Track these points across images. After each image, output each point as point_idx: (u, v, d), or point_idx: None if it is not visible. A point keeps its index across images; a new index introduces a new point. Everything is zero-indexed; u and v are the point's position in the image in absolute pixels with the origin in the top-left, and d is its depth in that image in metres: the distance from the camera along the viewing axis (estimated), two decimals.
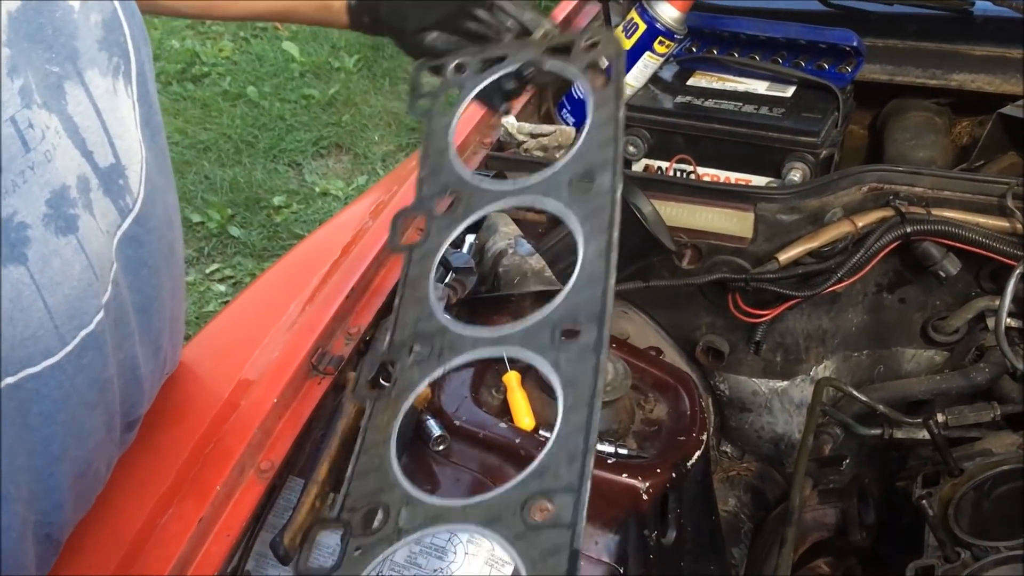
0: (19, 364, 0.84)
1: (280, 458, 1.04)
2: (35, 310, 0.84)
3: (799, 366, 1.59)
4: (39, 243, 0.83)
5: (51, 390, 0.87)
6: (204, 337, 1.38)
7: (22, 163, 0.80)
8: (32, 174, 0.81)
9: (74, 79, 0.87)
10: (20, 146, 0.80)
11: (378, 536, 0.70)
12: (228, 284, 3.12)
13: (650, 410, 1.17)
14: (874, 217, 1.43)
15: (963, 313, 1.50)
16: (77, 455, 0.94)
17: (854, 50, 1.60)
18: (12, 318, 0.81)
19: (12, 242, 0.80)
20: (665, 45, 1.59)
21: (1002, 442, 1.30)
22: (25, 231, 0.81)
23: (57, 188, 0.84)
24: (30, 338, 0.84)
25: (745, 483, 1.63)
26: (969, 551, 1.12)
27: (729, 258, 1.48)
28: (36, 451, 0.89)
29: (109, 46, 0.92)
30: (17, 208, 0.80)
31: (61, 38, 0.86)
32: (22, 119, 0.80)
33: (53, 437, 0.89)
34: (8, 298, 0.80)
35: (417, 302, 0.83)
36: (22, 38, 0.81)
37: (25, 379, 0.84)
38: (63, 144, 0.85)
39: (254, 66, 4.16)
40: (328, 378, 1.12)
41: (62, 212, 0.85)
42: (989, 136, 1.59)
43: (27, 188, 0.81)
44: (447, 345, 0.79)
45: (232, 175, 3.52)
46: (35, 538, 0.92)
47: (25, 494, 0.88)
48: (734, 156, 1.57)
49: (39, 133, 0.82)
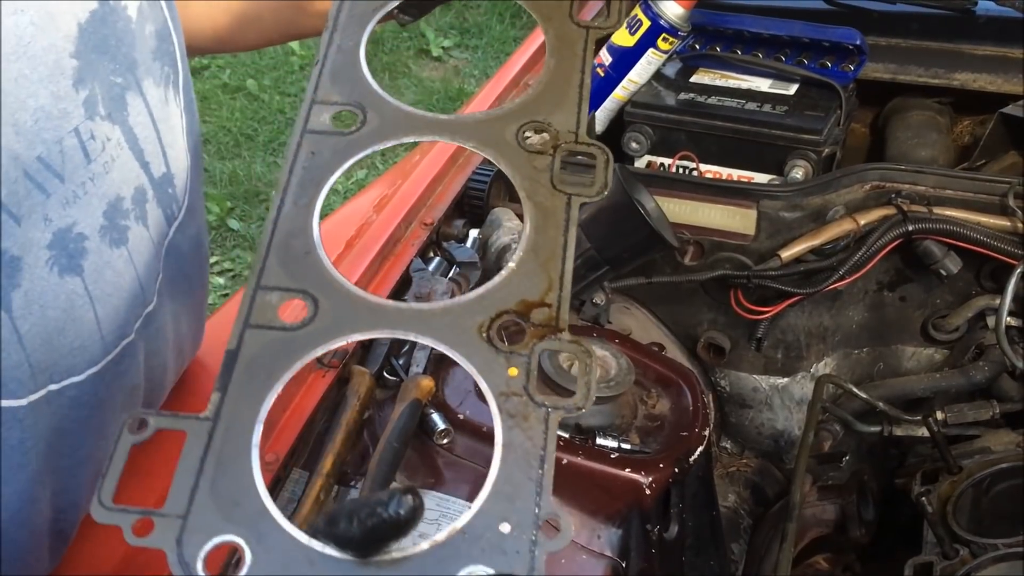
0: (65, 372, 0.84)
1: (284, 451, 1.04)
2: (86, 321, 0.84)
3: (800, 363, 1.59)
4: (95, 254, 0.83)
5: (89, 397, 0.87)
6: (206, 331, 1.38)
7: (83, 174, 0.80)
8: (92, 185, 0.81)
9: (134, 90, 0.87)
10: (82, 157, 0.79)
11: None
12: (227, 277, 3.12)
13: (652, 405, 1.17)
14: (876, 215, 1.44)
15: (963, 311, 1.50)
16: (100, 456, 0.94)
17: (857, 48, 1.60)
18: (64, 328, 0.81)
19: (71, 253, 0.80)
20: (669, 42, 1.59)
21: (1001, 440, 1.31)
22: (83, 242, 0.81)
23: (113, 200, 0.84)
24: (79, 348, 0.84)
25: (745, 479, 1.63)
26: (968, 548, 1.13)
27: (731, 255, 1.49)
28: (65, 454, 0.89)
29: (161, 56, 0.92)
30: (77, 219, 0.80)
31: (123, 48, 0.86)
32: (85, 130, 0.79)
33: (83, 441, 0.90)
34: (62, 308, 0.80)
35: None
36: (90, 49, 0.81)
37: (68, 387, 0.85)
38: (123, 155, 0.85)
39: (254, 59, 4.16)
40: (333, 371, 1.12)
41: (116, 223, 0.85)
42: (991, 135, 1.60)
43: (87, 200, 0.80)
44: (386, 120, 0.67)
45: (231, 168, 3.52)
46: (50, 533, 0.92)
47: (48, 494, 0.89)
48: (737, 153, 1.58)
49: (100, 145, 0.81)
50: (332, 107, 0.69)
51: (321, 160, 0.66)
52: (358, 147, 0.67)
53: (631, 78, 1.61)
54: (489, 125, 0.69)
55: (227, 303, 1.56)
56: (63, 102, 0.77)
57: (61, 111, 0.77)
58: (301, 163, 0.66)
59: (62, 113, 0.77)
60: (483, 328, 0.59)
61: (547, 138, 0.69)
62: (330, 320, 0.61)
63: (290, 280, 0.63)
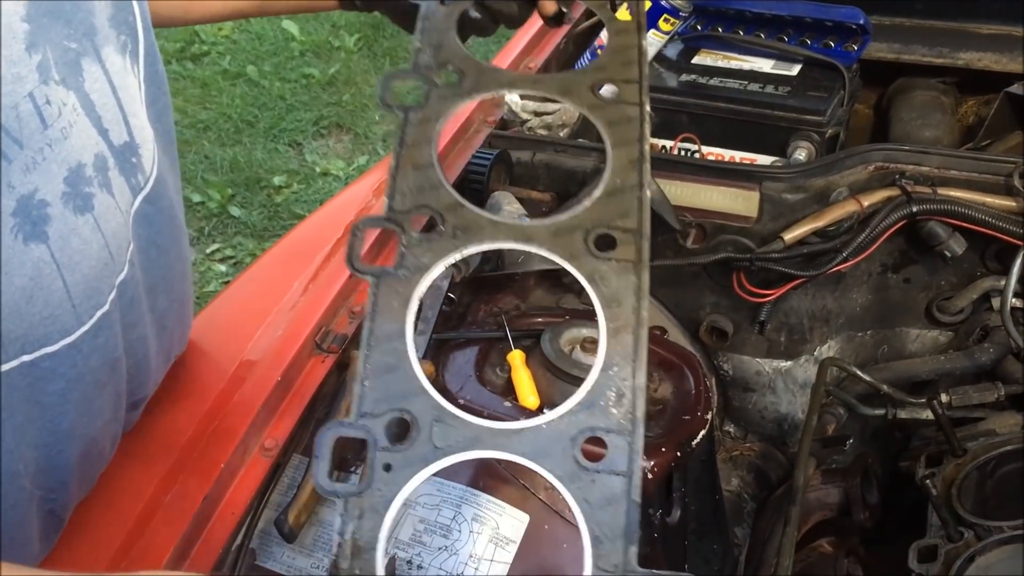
0: (37, 343, 0.83)
1: (284, 436, 1.04)
2: (55, 289, 0.83)
3: (803, 346, 1.58)
4: (59, 221, 0.82)
5: (66, 369, 0.87)
6: (206, 317, 1.37)
7: (41, 140, 0.79)
8: (51, 151, 0.80)
9: (91, 56, 0.87)
10: (39, 122, 0.79)
11: (410, 453, 0.58)
12: (229, 264, 3.12)
13: (655, 389, 1.17)
14: (880, 196, 1.43)
15: (968, 293, 1.49)
16: (84, 433, 0.94)
17: (860, 28, 1.58)
18: (32, 296, 0.81)
19: (34, 220, 0.80)
20: (670, 23, 1.57)
21: (1006, 422, 1.30)
22: (46, 209, 0.81)
23: (74, 166, 0.83)
24: (49, 317, 0.83)
25: (748, 463, 1.63)
26: (972, 531, 1.12)
27: (734, 237, 1.48)
28: (46, 428, 0.89)
29: (118, 24, 0.92)
30: (38, 185, 0.79)
31: (79, 14, 0.85)
32: (40, 95, 0.79)
33: (64, 416, 0.89)
34: (29, 276, 0.80)
35: (419, 169, 0.69)
36: (42, 13, 0.80)
37: (42, 358, 0.84)
38: (80, 121, 0.84)
39: (254, 45, 4.14)
40: (332, 356, 1.12)
41: (79, 190, 0.84)
42: (996, 115, 1.58)
43: (46, 165, 0.80)
44: (460, 225, 0.67)
45: (232, 155, 3.51)
46: (39, 513, 0.92)
47: (32, 470, 0.89)
48: (739, 135, 1.56)
49: (56, 110, 0.81)
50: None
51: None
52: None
53: None
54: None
55: (227, 289, 1.55)
56: (16, 66, 0.77)
57: (14, 75, 0.76)
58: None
59: (15, 78, 0.77)
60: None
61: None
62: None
63: None
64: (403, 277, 0.64)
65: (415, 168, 0.69)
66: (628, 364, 0.61)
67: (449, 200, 0.68)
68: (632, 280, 0.64)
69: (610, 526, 0.56)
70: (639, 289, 0.64)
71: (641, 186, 0.68)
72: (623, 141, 0.71)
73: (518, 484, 1.02)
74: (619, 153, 0.70)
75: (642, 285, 0.64)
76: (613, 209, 0.67)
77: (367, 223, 0.65)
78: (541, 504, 1.02)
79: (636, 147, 0.70)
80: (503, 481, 1.02)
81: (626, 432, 0.59)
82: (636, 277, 0.64)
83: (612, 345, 0.62)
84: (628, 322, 0.62)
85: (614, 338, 0.62)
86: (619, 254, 0.65)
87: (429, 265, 0.65)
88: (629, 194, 0.68)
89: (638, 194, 0.68)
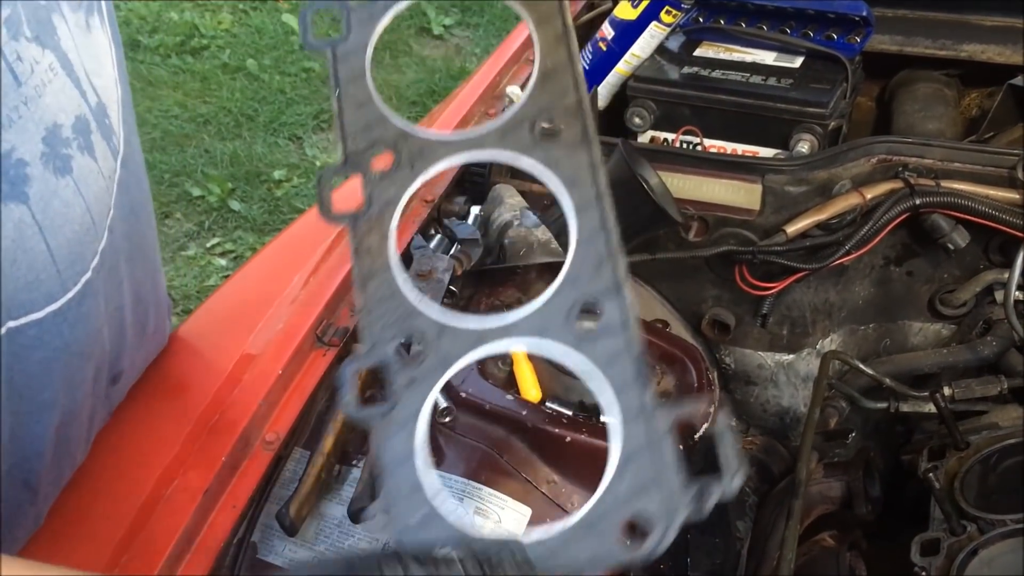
0: (23, 308, 0.82)
1: (285, 430, 1.04)
2: (38, 252, 0.82)
3: (805, 339, 1.58)
4: (39, 182, 0.81)
5: (52, 338, 0.86)
6: (206, 311, 1.37)
7: (15, 97, 0.77)
8: (26, 109, 0.79)
9: (58, 13, 0.84)
10: (12, 80, 0.77)
11: (426, 366, 0.62)
12: (229, 258, 3.11)
13: (657, 382, 1.16)
14: (883, 189, 1.42)
15: (971, 286, 1.49)
16: (64, 404, 0.93)
17: (863, 20, 1.58)
18: (16, 259, 0.80)
19: (12, 179, 0.78)
20: (672, 15, 1.56)
21: (1009, 416, 1.29)
22: (24, 168, 0.79)
23: (51, 126, 0.82)
24: (34, 281, 0.82)
25: (750, 456, 1.62)
26: (975, 524, 1.12)
27: (736, 230, 1.47)
28: (27, 397, 0.87)
29: None
30: (15, 144, 0.78)
31: None
32: (10, 52, 0.77)
33: (47, 385, 0.88)
34: (11, 237, 0.78)
35: (362, 107, 0.70)
36: None
37: (28, 325, 0.83)
38: (56, 80, 0.83)
39: (254, 39, 4.13)
40: (333, 350, 1.12)
41: (57, 151, 0.83)
42: (999, 108, 1.58)
43: (22, 124, 0.78)
44: (414, 151, 0.68)
45: (232, 149, 3.50)
46: (11, 482, 0.91)
47: (6, 438, 0.87)
48: (741, 127, 1.56)
49: (28, 67, 0.79)
50: None
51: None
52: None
53: (634, 52, 1.59)
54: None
55: (227, 282, 1.55)
56: None
57: None
58: None
59: None
60: None
61: None
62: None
63: None
64: (376, 215, 0.66)
65: (358, 106, 0.70)
66: (600, 235, 0.63)
67: (396, 130, 0.69)
68: (584, 157, 0.66)
69: (622, 378, 0.60)
70: (592, 163, 0.66)
71: (572, 61, 0.68)
72: (544, 18, 0.69)
73: (520, 478, 1.02)
74: (543, 32, 0.69)
75: (594, 159, 0.66)
76: (551, 92, 0.67)
77: (330, 171, 0.66)
78: (543, 497, 1.02)
79: (559, 21, 0.69)
80: (505, 475, 1.02)
81: (612, 293, 0.62)
82: (587, 154, 0.66)
83: (582, 221, 0.64)
84: (590, 196, 0.65)
85: (582, 215, 0.64)
86: (566, 135, 0.67)
87: (397, 198, 0.67)
88: (563, 72, 0.68)
89: (571, 69, 0.68)
